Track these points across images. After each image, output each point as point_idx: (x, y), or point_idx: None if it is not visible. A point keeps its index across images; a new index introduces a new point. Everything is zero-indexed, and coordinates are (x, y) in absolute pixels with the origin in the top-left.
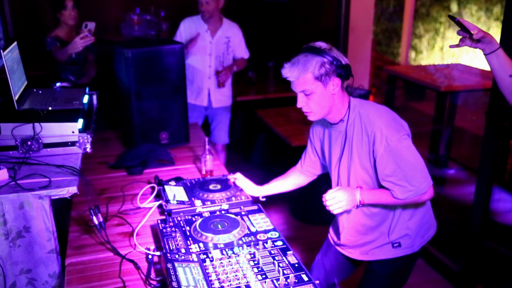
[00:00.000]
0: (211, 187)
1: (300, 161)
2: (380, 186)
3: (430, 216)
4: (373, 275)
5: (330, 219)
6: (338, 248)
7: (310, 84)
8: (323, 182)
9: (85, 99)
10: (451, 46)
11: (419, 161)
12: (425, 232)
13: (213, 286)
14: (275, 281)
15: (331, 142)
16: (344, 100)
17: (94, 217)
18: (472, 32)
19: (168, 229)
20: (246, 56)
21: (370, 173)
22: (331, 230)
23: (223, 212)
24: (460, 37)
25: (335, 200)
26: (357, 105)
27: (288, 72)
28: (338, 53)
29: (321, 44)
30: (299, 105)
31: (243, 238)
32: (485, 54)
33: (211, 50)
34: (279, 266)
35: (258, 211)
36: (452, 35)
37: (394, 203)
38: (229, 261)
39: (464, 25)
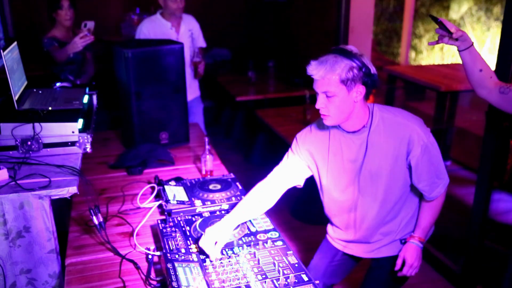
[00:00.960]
0: (211, 187)
1: (272, 175)
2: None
3: None
4: (377, 272)
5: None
6: (340, 244)
7: (334, 86)
8: None
9: (85, 99)
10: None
11: (440, 154)
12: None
13: (213, 286)
14: (275, 281)
15: (343, 151)
16: (365, 108)
17: (94, 217)
18: (451, 31)
19: (168, 229)
20: (204, 45)
21: (398, 178)
22: (334, 229)
23: (223, 212)
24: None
25: (415, 265)
26: (377, 110)
27: (314, 69)
28: (368, 61)
29: (352, 48)
30: (318, 106)
31: (243, 238)
32: (459, 51)
33: None
34: (279, 266)
35: None
36: None
37: (435, 208)
38: (229, 261)
39: (444, 24)
